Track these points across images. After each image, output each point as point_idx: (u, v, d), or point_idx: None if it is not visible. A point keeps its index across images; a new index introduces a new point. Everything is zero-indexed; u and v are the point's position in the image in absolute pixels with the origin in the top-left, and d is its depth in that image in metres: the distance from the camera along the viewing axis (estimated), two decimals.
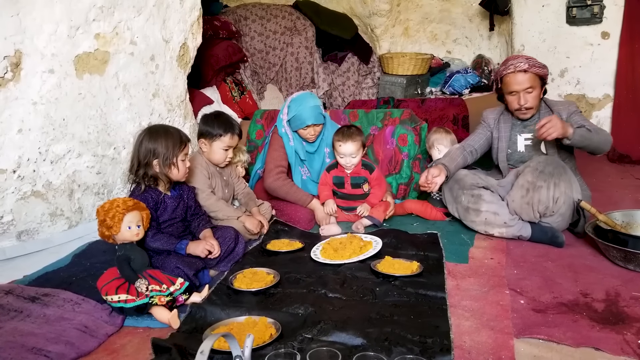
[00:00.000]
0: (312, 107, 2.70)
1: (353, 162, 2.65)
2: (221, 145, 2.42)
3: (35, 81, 2.14)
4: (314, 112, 2.70)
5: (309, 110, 2.69)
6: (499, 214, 2.37)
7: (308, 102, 2.72)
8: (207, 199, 2.38)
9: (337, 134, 2.66)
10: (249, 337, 1.27)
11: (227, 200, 2.55)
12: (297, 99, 2.77)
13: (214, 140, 2.42)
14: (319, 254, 2.25)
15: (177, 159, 2.04)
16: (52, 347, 1.54)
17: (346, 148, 2.61)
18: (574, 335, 1.60)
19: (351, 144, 2.60)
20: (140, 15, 2.56)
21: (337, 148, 2.65)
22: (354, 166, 2.68)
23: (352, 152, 2.62)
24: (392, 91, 4.73)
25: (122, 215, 1.81)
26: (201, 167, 2.42)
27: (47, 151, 2.21)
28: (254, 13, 4.83)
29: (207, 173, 2.43)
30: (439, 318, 1.67)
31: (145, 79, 2.67)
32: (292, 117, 2.72)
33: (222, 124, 2.43)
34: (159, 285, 1.79)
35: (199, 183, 2.37)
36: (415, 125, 3.22)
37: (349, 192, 2.73)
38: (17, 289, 1.87)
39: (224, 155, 2.43)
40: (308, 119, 2.69)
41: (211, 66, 4.03)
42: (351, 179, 2.71)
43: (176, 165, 2.05)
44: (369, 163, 2.76)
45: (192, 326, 1.68)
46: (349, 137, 2.60)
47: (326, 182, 2.76)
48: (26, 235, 2.21)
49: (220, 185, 2.49)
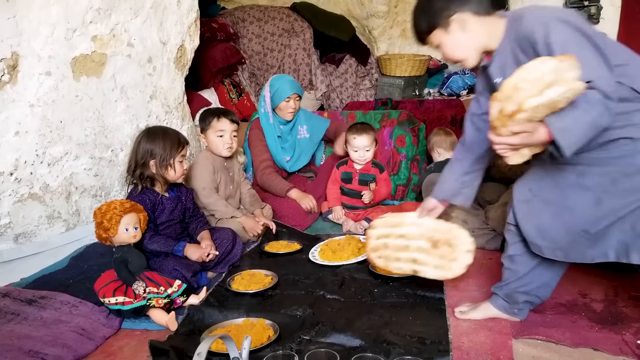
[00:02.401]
0: (291, 81, 2.94)
1: (366, 156, 2.70)
2: (213, 131, 2.44)
3: (32, 83, 2.13)
4: (293, 84, 2.93)
5: (288, 83, 2.89)
6: (468, 221, 2.34)
7: (286, 78, 2.99)
8: (207, 196, 2.37)
9: (350, 129, 2.75)
10: (247, 339, 1.27)
11: (233, 197, 2.55)
12: (276, 77, 3.01)
13: (207, 130, 2.45)
14: (317, 256, 2.24)
15: (174, 160, 2.04)
16: (49, 349, 1.54)
17: (360, 141, 2.67)
18: (572, 336, 1.60)
19: (365, 137, 2.67)
20: (138, 17, 2.56)
21: (351, 142, 2.71)
22: (366, 161, 2.73)
23: (366, 145, 2.68)
24: (390, 92, 4.73)
25: (119, 218, 1.81)
26: (206, 160, 2.44)
27: (44, 153, 2.20)
28: (252, 15, 4.83)
29: (212, 167, 2.44)
30: (437, 319, 1.67)
31: (143, 81, 2.67)
32: (275, 91, 2.88)
33: (211, 113, 2.50)
34: (157, 288, 1.78)
35: (203, 178, 2.38)
36: (413, 127, 3.23)
37: (356, 188, 2.76)
38: (14, 291, 1.86)
39: (220, 142, 2.44)
40: (290, 89, 2.87)
41: (209, 68, 4.03)
42: (359, 175, 2.76)
43: (173, 167, 2.05)
44: (380, 163, 2.81)
45: (189, 328, 1.68)
46: (363, 131, 2.69)
47: (336, 180, 2.81)
48: (23, 238, 2.20)
49: (224, 181, 2.50)
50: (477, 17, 1.48)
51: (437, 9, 1.50)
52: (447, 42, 1.54)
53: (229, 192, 2.52)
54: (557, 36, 1.31)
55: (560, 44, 1.30)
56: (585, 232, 1.44)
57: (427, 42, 1.59)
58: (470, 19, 1.48)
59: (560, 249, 1.50)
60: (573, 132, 1.27)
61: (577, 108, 1.26)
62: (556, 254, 1.51)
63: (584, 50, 1.28)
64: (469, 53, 1.54)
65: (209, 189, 2.39)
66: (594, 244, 1.45)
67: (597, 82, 1.25)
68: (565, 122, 1.27)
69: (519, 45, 1.42)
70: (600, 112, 1.26)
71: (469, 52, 1.54)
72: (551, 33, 1.32)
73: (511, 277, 1.66)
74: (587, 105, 1.25)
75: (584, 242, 1.46)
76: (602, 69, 1.28)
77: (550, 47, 1.31)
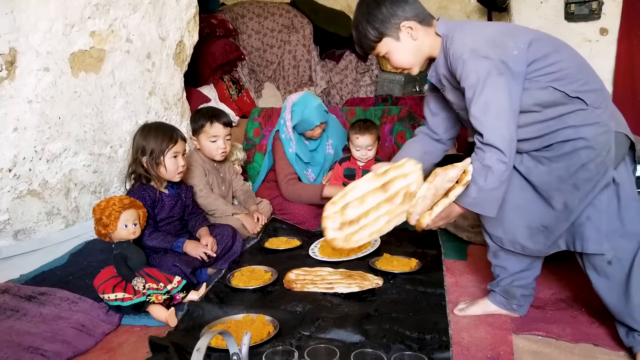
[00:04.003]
0: (316, 107, 2.69)
1: (369, 154, 2.70)
2: (206, 136, 2.41)
3: (30, 79, 2.12)
4: (319, 111, 2.70)
5: (314, 111, 2.68)
6: (467, 217, 2.34)
7: (311, 103, 2.70)
8: (206, 197, 2.37)
9: (353, 127, 2.72)
10: (247, 335, 1.26)
11: (225, 197, 2.54)
12: (299, 102, 2.73)
13: (200, 134, 2.42)
14: (317, 252, 2.24)
15: (164, 157, 2.01)
16: (49, 346, 1.53)
17: (363, 140, 2.67)
18: (573, 331, 1.60)
19: (368, 137, 2.67)
20: (136, 12, 2.55)
21: (353, 141, 2.70)
22: (368, 160, 2.73)
23: (369, 145, 2.69)
24: (390, 89, 4.72)
25: (118, 214, 1.81)
26: (197, 164, 2.42)
27: (43, 150, 2.20)
28: (251, 11, 4.81)
29: (203, 170, 2.42)
30: (437, 315, 1.67)
31: (142, 77, 2.66)
32: (299, 122, 2.70)
33: (203, 116, 2.44)
34: (156, 284, 1.78)
35: (197, 180, 2.37)
36: (413, 123, 3.22)
37: None
38: (14, 288, 1.86)
39: (214, 147, 2.41)
40: (316, 119, 2.68)
41: (208, 64, 4.01)
42: (362, 172, 2.76)
43: (163, 163, 2.02)
44: (382, 160, 2.79)
45: (189, 324, 1.68)
46: (366, 130, 2.68)
47: (338, 176, 2.81)
48: (23, 235, 2.20)
49: (216, 182, 2.49)
50: (422, 27, 1.52)
51: (385, 18, 1.50)
52: (396, 49, 1.54)
53: (221, 193, 2.51)
54: (469, 80, 1.39)
55: (471, 88, 1.39)
56: (544, 227, 1.52)
57: (374, 51, 1.58)
58: (417, 27, 1.51)
59: (519, 242, 1.58)
60: (484, 200, 1.41)
61: (476, 180, 1.39)
62: (515, 247, 1.60)
63: (493, 99, 1.36)
64: (416, 60, 1.56)
65: (206, 190, 2.38)
66: (548, 236, 1.53)
67: (495, 142, 1.36)
68: (471, 196, 1.41)
69: (449, 68, 1.48)
70: (500, 172, 1.37)
71: (416, 59, 1.56)
72: (465, 73, 1.40)
73: (502, 274, 1.70)
74: (486, 171, 1.38)
75: (541, 235, 1.54)
76: (501, 128, 1.36)
77: (465, 89, 1.41)
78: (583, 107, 1.40)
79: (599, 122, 1.40)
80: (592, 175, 1.40)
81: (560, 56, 1.42)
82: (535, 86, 1.41)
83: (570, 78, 1.40)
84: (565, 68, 1.40)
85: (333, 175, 2.82)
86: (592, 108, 1.40)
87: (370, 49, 1.58)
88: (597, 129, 1.40)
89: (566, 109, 1.40)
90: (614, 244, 1.43)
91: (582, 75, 1.42)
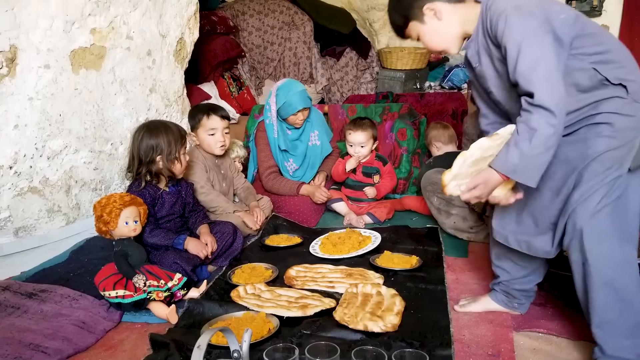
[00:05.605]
0: (300, 92, 2.71)
1: (362, 152, 2.70)
2: (204, 130, 2.41)
3: (31, 76, 2.12)
4: (302, 96, 2.72)
5: (297, 96, 2.70)
6: (468, 218, 2.35)
7: (296, 88, 2.73)
8: (207, 194, 2.37)
9: (349, 124, 2.75)
10: (247, 332, 1.26)
11: (226, 194, 2.54)
12: (283, 86, 2.76)
13: (198, 129, 2.43)
14: (318, 249, 2.24)
15: (179, 153, 2.05)
16: (50, 343, 1.54)
17: (356, 137, 2.67)
18: (573, 329, 1.60)
19: (361, 134, 2.67)
20: (137, 9, 2.54)
21: (347, 137, 2.73)
22: (363, 157, 2.73)
23: (362, 142, 2.68)
24: (391, 86, 4.71)
25: (119, 211, 1.81)
26: (198, 160, 2.42)
27: (43, 147, 2.20)
28: (252, 8, 4.80)
29: (203, 166, 2.42)
30: (438, 312, 1.67)
31: (142, 74, 2.66)
32: (282, 105, 2.72)
33: (200, 110, 2.46)
34: (157, 281, 1.78)
35: (198, 177, 2.37)
36: (414, 120, 3.22)
37: (359, 179, 2.76)
38: (15, 285, 1.86)
39: (212, 140, 2.41)
40: (298, 103, 2.70)
41: (209, 61, 4.00)
42: (363, 167, 2.78)
43: (179, 160, 2.05)
44: (383, 157, 2.82)
45: (190, 321, 1.68)
46: (360, 127, 2.68)
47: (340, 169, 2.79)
48: (23, 232, 2.20)
49: (217, 179, 2.49)
50: (450, 5, 1.46)
51: (408, 2, 1.49)
52: (425, 32, 1.52)
53: (222, 190, 2.50)
54: (513, 35, 1.27)
55: (516, 45, 1.26)
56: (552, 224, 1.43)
57: (407, 35, 1.57)
58: (443, 7, 1.46)
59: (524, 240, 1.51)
60: (526, 167, 1.27)
61: (520, 144, 1.26)
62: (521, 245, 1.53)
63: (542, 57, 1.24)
64: (448, 41, 1.52)
65: (207, 186, 2.38)
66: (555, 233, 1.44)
67: (546, 103, 1.22)
68: (511, 162, 1.27)
69: (489, 34, 1.38)
70: (547, 136, 1.23)
71: (448, 40, 1.51)
72: (509, 29, 1.28)
73: (503, 275, 1.69)
74: (531, 135, 1.24)
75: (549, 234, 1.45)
76: (552, 87, 1.23)
77: (507, 48, 1.29)
78: (622, 94, 1.29)
79: (634, 117, 1.29)
80: (604, 169, 1.29)
81: (607, 38, 1.33)
82: (577, 65, 1.30)
83: (617, 63, 1.30)
84: (612, 50, 1.30)
85: (334, 169, 2.82)
86: (631, 99, 1.29)
87: (402, 35, 1.58)
88: (629, 122, 1.28)
89: (603, 94, 1.30)
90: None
91: (628, 63, 1.31)
